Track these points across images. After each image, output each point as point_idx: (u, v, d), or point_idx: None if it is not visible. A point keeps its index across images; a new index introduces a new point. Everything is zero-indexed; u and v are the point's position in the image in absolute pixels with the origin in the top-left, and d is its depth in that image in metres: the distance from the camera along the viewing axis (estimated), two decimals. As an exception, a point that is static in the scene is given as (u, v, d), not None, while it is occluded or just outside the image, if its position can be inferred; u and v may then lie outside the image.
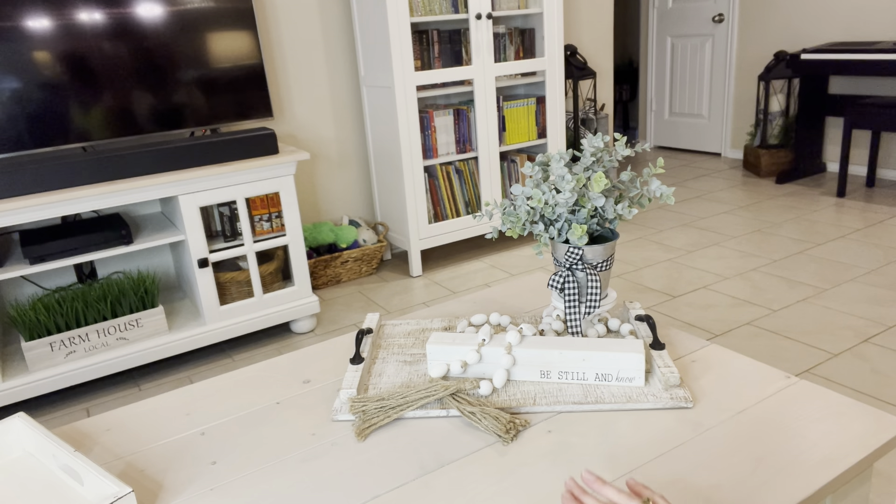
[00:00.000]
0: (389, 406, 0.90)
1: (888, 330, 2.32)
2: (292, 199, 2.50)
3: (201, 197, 2.32)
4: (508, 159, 3.42)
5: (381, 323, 1.18)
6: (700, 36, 5.07)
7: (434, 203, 3.19)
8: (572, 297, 1.01)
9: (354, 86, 3.22)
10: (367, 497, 0.76)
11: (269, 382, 1.03)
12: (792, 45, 4.51)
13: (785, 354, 2.22)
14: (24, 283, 2.48)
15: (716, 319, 2.50)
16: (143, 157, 2.23)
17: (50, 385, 2.17)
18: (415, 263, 3.16)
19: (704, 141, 5.24)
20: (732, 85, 4.93)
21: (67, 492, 0.79)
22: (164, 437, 0.91)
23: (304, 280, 2.60)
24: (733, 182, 4.40)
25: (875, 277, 2.75)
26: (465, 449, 0.83)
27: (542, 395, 0.92)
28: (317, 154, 3.20)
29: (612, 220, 1.04)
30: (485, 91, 3.12)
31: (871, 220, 3.45)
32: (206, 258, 2.36)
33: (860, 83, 4.19)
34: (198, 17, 2.44)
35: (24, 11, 2.17)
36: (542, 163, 1.06)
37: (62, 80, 2.27)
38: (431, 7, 2.94)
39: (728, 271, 2.93)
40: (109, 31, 2.31)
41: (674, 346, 1.05)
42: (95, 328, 2.22)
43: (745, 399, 0.89)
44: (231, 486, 0.80)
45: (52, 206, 2.09)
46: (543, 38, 3.25)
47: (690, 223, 3.62)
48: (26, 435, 0.87)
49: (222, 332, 2.45)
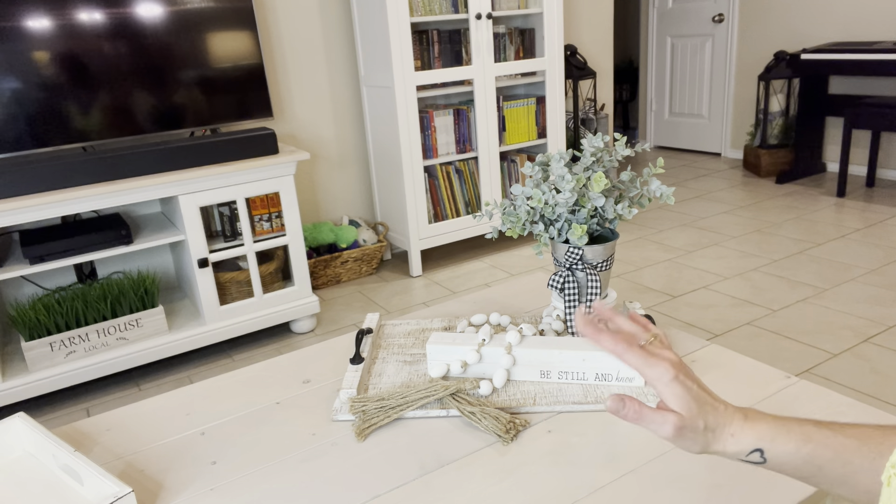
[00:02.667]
0: (389, 406, 0.90)
1: (888, 330, 2.32)
2: (292, 199, 2.50)
3: (201, 197, 2.32)
4: (508, 159, 3.42)
5: (381, 323, 1.18)
6: (700, 36, 5.07)
7: (434, 203, 3.19)
8: (572, 297, 1.01)
9: (354, 86, 3.22)
10: (368, 497, 0.76)
11: (269, 382, 1.03)
12: (792, 45, 4.51)
13: (785, 354, 2.22)
14: (24, 283, 2.48)
15: (716, 319, 2.50)
16: (143, 157, 2.23)
17: (50, 385, 2.17)
18: (415, 263, 3.16)
19: (704, 141, 5.24)
20: (732, 85, 4.93)
21: (67, 492, 0.79)
22: (164, 437, 0.91)
23: (304, 280, 2.60)
24: (733, 182, 4.40)
25: (875, 277, 2.75)
26: (465, 449, 0.83)
27: (542, 395, 0.92)
28: (317, 154, 3.20)
29: (612, 220, 1.04)
30: (485, 91, 3.12)
31: (871, 220, 3.45)
32: (206, 258, 2.36)
33: (860, 83, 4.19)
34: (198, 16, 2.44)
35: (24, 11, 2.17)
36: (542, 163, 1.06)
37: (62, 80, 2.27)
38: (431, 7, 2.94)
39: (728, 271, 2.93)
40: (109, 31, 2.31)
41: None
42: (95, 328, 2.22)
43: (745, 399, 0.89)
44: (231, 486, 0.80)
45: (52, 206, 2.09)
46: (543, 38, 3.25)
47: (690, 223, 3.62)
48: (26, 435, 0.87)
49: (222, 332, 2.45)
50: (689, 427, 0.56)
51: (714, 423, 0.57)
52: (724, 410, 0.58)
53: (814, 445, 0.54)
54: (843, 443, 0.54)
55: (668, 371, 0.57)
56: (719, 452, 0.58)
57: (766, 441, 0.56)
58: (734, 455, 0.57)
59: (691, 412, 0.57)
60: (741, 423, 0.57)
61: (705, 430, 0.57)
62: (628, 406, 0.57)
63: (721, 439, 0.57)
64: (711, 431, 0.57)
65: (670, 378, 0.57)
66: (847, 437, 0.54)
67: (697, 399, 0.57)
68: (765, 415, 0.58)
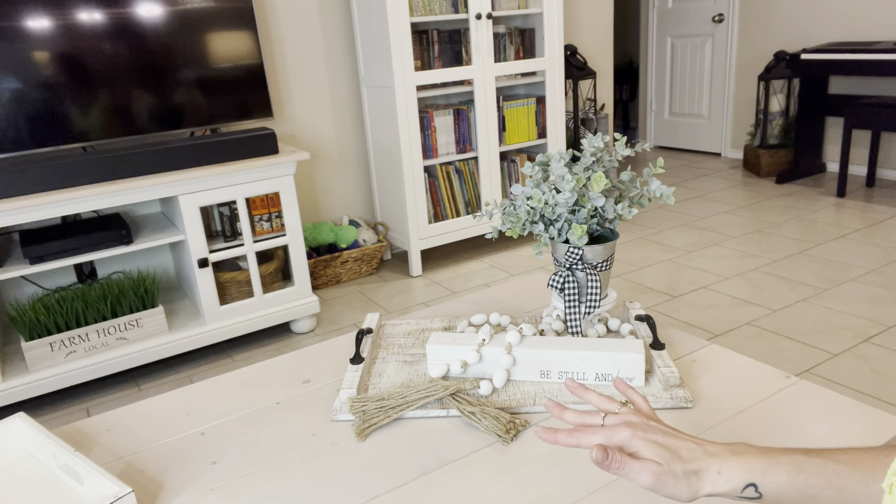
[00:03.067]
0: (389, 406, 0.90)
1: (888, 330, 2.32)
2: (292, 199, 2.50)
3: (201, 197, 2.32)
4: (508, 159, 3.42)
5: (381, 323, 1.18)
6: (700, 36, 5.07)
7: (434, 203, 3.19)
8: (572, 297, 1.01)
9: (354, 86, 3.22)
10: (368, 497, 0.76)
11: (269, 382, 1.03)
12: (792, 45, 4.51)
13: (785, 354, 2.22)
14: (24, 283, 2.48)
15: (716, 319, 2.50)
16: (143, 157, 2.23)
17: (50, 385, 2.17)
18: (415, 263, 3.16)
19: (704, 141, 5.24)
20: (732, 85, 4.93)
21: (67, 492, 0.79)
22: (164, 437, 0.91)
23: (304, 280, 2.60)
24: (733, 182, 4.40)
25: (875, 277, 2.75)
26: (465, 449, 0.83)
27: (542, 395, 0.92)
28: (317, 154, 3.20)
29: (612, 220, 1.04)
30: (485, 91, 3.12)
31: (871, 220, 3.45)
32: (206, 258, 2.36)
33: (860, 83, 4.19)
34: (198, 16, 2.44)
35: (24, 11, 2.17)
36: (542, 163, 1.06)
37: (62, 80, 2.27)
38: (431, 7, 2.94)
39: (728, 271, 2.93)
40: (109, 31, 2.31)
41: (674, 346, 1.05)
42: (95, 328, 2.22)
43: (745, 399, 0.89)
44: (231, 486, 0.80)
45: (52, 206, 2.09)
46: (543, 38, 3.25)
47: (690, 223, 3.62)
48: (26, 435, 0.88)
49: (222, 332, 2.45)
50: (668, 472, 0.57)
51: (694, 465, 0.58)
52: (703, 451, 0.59)
53: (806, 475, 0.54)
54: (835, 469, 0.54)
55: (625, 432, 0.61)
56: (712, 494, 0.58)
57: (757, 474, 0.56)
58: (729, 493, 0.57)
59: (664, 458, 0.58)
60: (728, 458, 0.58)
61: (686, 474, 0.57)
62: (611, 457, 0.59)
63: (708, 480, 0.57)
64: (694, 474, 0.58)
65: (629, 437, 0.60)
66: (838, 464, 0.54)
67: (666, 446, 0.59)
68: (754, 447, 0.58)
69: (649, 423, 0.62)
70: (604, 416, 0.66)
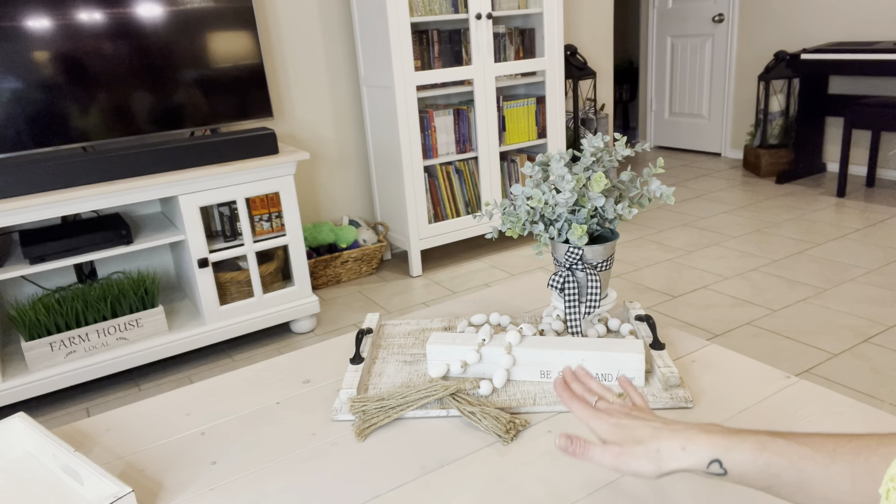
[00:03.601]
0: (389, 406, 0.90)
1: (888, 330, 2.32)
2: (292, 199, 2.50)
3: (201, 197, 2.32)
4: (508, 159, 3.42)
5: (381, 323, 1.18)
6: (700, 36, 5.07)
7: (434, 203, 3.19)
8: (572, 297, 1.01)
9: (354, 86, 3.22)
10: (367, 497, 0.76)
11: (269, 382, 1.03)
12: (792, 45, 4.51)
13: (785, 354, 2.22)
14: (24, 283, 2.48)
15: (716, 319, 2.50)
16: (143, 157, 2.23)
17: (50, 385, 2.17)
18: (415, 263, 3.16)
19: (704, 141, 5.24)
20: (732, 85, 4.93)
21: (67, 492, 0.79)
22: (164, 437, 0.91)
23: (304, 280, 2.60)
24: (733, 182, 4.40)
25: (875, 277, 2.75)
26: (465, 449, 0.83)
27: (542, 395, 0.92)
28: (317, 154, 3.20)
29: (612, 220, 1.04)
30: (485, 91, 3.12)
31: (871, 220, 3.45)
32: (206, 258, 2.36)
33: (860, 83, 4.19)
34: (198, 16, 2.44)
35: (24, 11, 2.17)
36: (542, 163, 1.06)
37: (62, 80, 2.27)
38: (431, 7, 2.94)
39: (728, 271, 2.93)
40: (109, 31, 2.31)
41: (674, 346, 1.04)
42: (95, 328, 2.22)
43: (745, 399, 0.89)
44: (231, 486, 0.80)
45: (52, 206, 2.09)
46: (543, 38, 3.25)
47: (690, 223, 3.62)
48: (26, 435, 0.87)
49: (222, 332, 2.45)
50: (625, 452, 0.61)
51: (654, 444, 0.60)
52: (668, 430, 0.61)
53: (769, 454, 0.56)
54: (797, 451, 0.55)
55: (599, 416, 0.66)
56: (677, 469, 0.59)
57: (721, 451, 0.57)
58: (694, 468, 0.58)
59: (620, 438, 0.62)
60: (695, 435, 0.59)
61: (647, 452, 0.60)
62: (575, 443, 0.64)
63: (672, 455, 0.59)
64: (656, 451, 0.60)
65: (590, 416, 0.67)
66: (800, 445, 0.56)
67: (622, 427, 0.63)
68: (724, 428, 0.60)
69: (616, 409, 0.67)
70: (596, 399, 0.71)
